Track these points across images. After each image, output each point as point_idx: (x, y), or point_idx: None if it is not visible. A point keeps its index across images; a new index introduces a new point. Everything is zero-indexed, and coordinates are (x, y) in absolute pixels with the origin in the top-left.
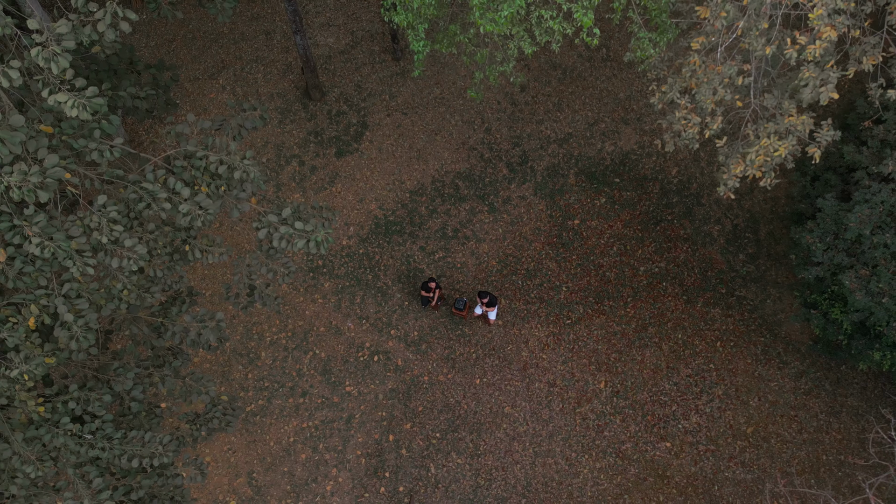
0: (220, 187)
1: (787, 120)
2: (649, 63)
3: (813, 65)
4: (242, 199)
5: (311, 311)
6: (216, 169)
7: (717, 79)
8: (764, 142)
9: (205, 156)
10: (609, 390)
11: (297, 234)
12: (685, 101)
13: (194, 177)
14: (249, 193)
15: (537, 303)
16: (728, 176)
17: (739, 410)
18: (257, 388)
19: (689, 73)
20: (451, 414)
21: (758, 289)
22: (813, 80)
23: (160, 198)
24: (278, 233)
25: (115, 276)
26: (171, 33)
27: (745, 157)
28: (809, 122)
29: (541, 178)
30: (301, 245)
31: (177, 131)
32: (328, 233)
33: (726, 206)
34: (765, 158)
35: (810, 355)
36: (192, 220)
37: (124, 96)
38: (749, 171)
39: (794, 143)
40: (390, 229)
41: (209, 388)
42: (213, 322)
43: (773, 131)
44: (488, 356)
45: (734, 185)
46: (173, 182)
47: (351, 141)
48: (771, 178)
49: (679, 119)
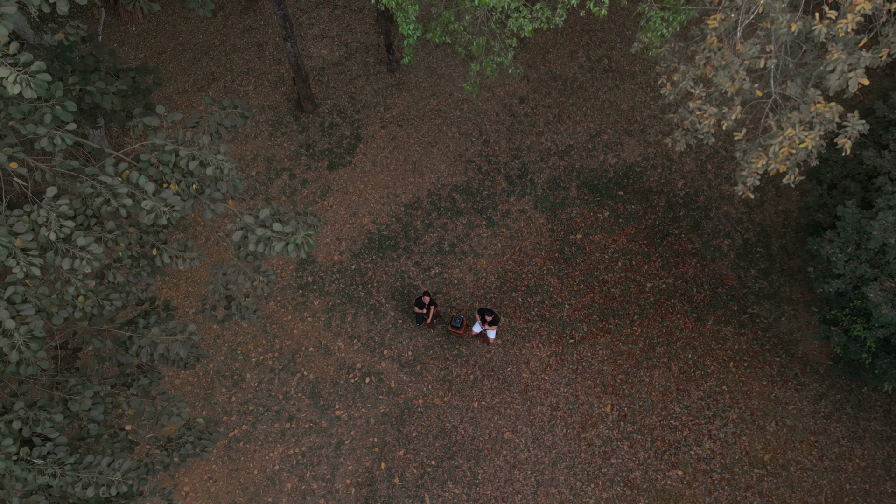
0: (191, 185)
1: (814, 108)
2: (659, 53)
3: (841, 45)
4: (217, 200)
5: (299, 329)
6: (187, 165)
7: (738, 61)
8: (789, 132)
9: (174, 150)
10: (616, 414)
11: (276, 236)
12: (699, 90)
13: (162, 173)
14: (225, 193)
15: (539, 321)
16: (748, 173)
17: (755, 436)
18: (241, 412)
19: (703, 60)
20: (448, 440)
21: (772, 306)
22: (841, 63)
23: (120, 193)
24: (255, 235)
25: (69, 280)
26: (161, 45)
27: (768, 150)
28: (839, 108)
29: (541, 190)
30: (279, 248)
31: (145, 123)
32: (309, 235)
33: (736, 220)
34: (789, 151)
35: (830, 376)
36: (157, 218)
37: (93, 91)
38: (772, 165)
39: (822, 133)
40: (384, 244)
41: (181, 410)
42: (185, 335)
43: (798, 121)
44: (487, 378)
45: (754, 183)
46: (136, 177)
47: (344, 153)
48: (795, 174)
49: (693, 110)
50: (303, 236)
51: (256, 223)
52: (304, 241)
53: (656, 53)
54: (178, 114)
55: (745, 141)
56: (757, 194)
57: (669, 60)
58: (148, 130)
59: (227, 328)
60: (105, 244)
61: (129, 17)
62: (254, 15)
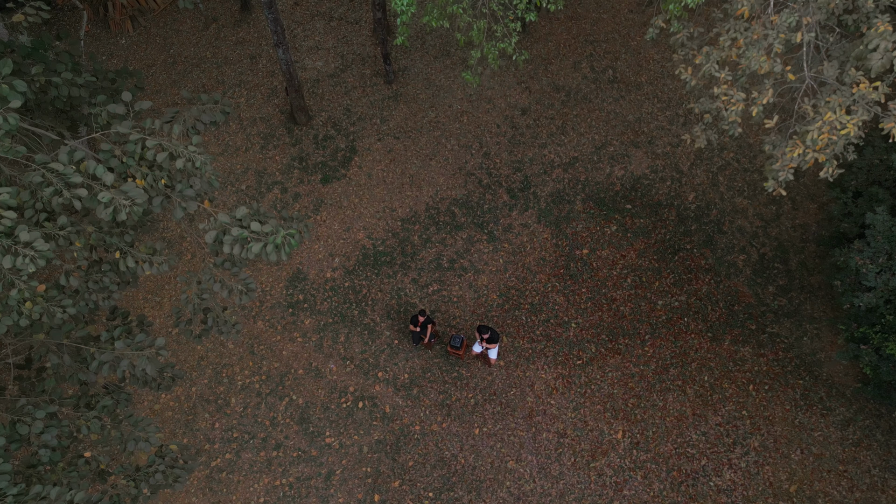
0: (159, 180)
1: (855, 90)
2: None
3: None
4: (189, 198)
5: (288, 351)
6: (154, 157)
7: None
8: (828, 116)
9: (140, 139)
10: (627, 441)
11: (254, 237)
12: (724, 74)
13: (127, 165)
14: (199, 191)
15: (544, 341)
16: (780, 165)
17: (780, 465)
18: (225, 439)
19: (728, 41)
20: (447, 469)
21: (792, 325)
22: (885, 40)
23: (74, 183)
24: (230, 235)
25: (12, 282)
26: (151, 58)
27: (805, 138)
28: (885, 88)
29: (545, 204)
30: (257, 250)
31: (109, 112)
32: (291, 234)
33: (751, 234)
34: (829, 138)
35: (857, 399)
36: (116, 213)
37: (59, 83)
38: (809, 154)
39: (866, 118)
40: (379, 260)
41: (150, 435)
42: (153, 350)
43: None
44: (489, 402)
45: (787, 178)
46: (94, 166)
47: (338, 167)
48: (833, 167)
49: (718, 96)
50: (283, 236)
51: (233, 222)
52: (284, 241)
53: (674, 41)
54: (147, 101)
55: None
56: (772, 207)
57: (688, 48)
58: (112, 119)
59: (211, 349)
60: (56, 241)
61: (118, 29)
62: (247, 27)
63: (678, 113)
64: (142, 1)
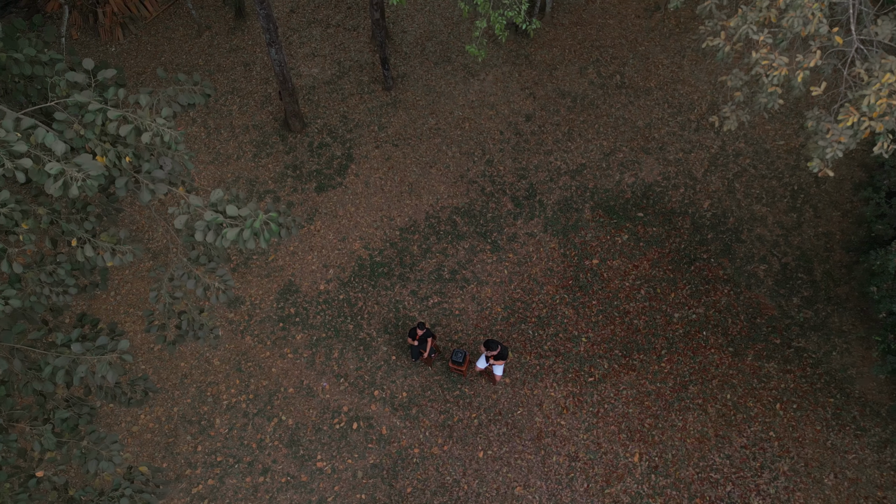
0: (123, 157)
1: None
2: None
3: None
4: (158, 180)
5: (278, 368)
6: (117, 129)
7: None
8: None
9: (101, 109)
10: (645, 465)
11: (229, 221)
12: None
13: (86, 139)
14: (170, 172)
15: (552, 356)
16: (828, 141)
17: (812, 491)
18: (207, 463)
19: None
20: (448, 496)
21: (820, 338)
22: None
23: (17, 152)
24: (202, 221)
25: None
26: (142, 65)
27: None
28: None
29: (551, 212)
30: (233, 236)
31: (68, 80)
32: (271, 218)
33: (771, 243)
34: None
35: (894, 419)
36: (66, 187)
37: (20, 59)
38: (865, 123)
39: None
40: (376, 271)
41: (114, 454)
42: (115, 354)
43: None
44: (494, 422)
45: (835, 156)
46: (43, 135)
47: (334, 175)
48: (888, 140)
49: (758, 61)
50: (261, 220)
51: (206, 206)
52: (262, 226)
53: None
54: (111, 69)
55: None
56: (792, 215)
57: (717, 18)
58: (72, 88)
59: (195, 366)
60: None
61: (108, 37)
62: (241, 34)
63: (690, 118)
64: (133, 8)
